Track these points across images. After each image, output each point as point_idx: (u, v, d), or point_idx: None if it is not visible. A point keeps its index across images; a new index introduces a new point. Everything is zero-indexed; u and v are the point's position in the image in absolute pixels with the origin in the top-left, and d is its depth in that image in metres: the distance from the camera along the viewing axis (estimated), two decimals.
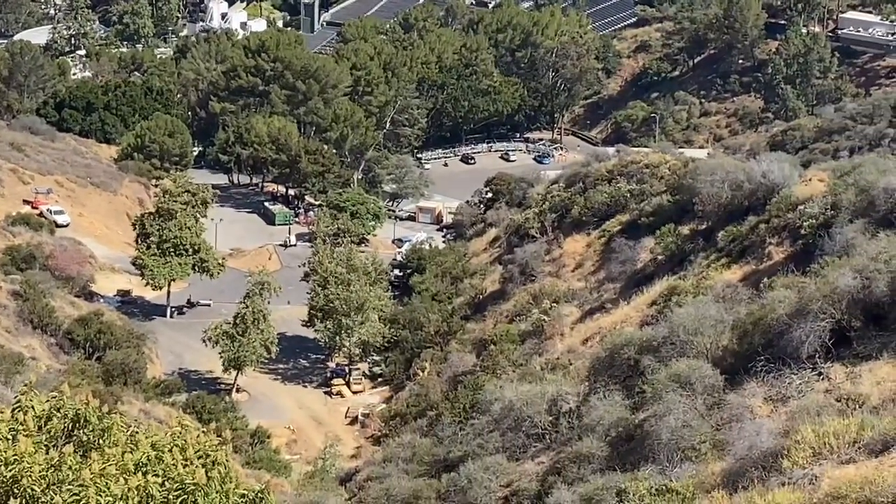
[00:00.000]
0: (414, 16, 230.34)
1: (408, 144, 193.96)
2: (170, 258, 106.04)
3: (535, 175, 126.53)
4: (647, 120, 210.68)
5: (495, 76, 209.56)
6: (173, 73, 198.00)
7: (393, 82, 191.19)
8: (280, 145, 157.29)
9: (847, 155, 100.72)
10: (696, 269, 66.81)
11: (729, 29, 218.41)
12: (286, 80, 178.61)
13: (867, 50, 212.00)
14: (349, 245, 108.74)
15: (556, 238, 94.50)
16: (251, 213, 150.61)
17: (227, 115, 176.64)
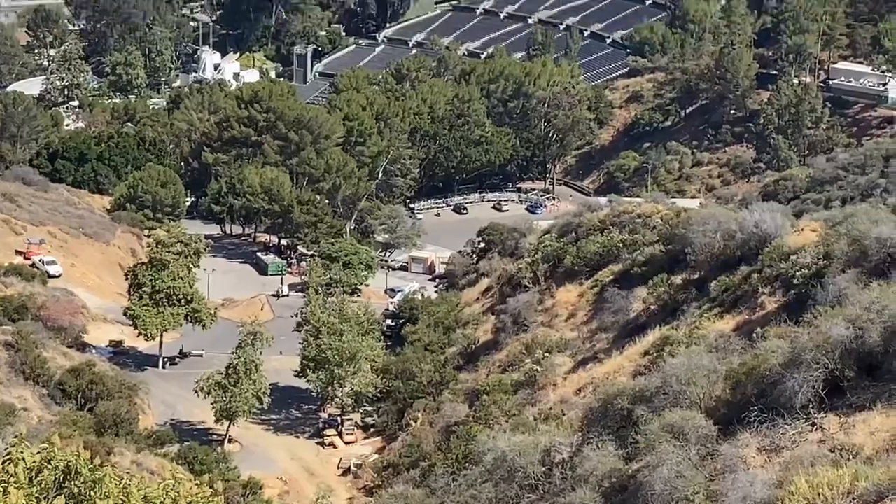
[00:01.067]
0: (406, 66, 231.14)
1: (400, 194, 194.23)
2: (162, 308, 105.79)
3: (527, 225, 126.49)
4: (640, 170, 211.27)
5: (487, 126, 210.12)
6: (166, 124, 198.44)
7: (385, 132, 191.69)
8: (272, 195, 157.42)
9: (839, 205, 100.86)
10: (688, 318, 66.71)
11: (720, 79, 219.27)
12: (279, 131, 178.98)
13: (858, 100, 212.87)
14: (341, 295, 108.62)
15: (548, 288, 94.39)
16: (244, 263, 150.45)
17: (220, 166, 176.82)
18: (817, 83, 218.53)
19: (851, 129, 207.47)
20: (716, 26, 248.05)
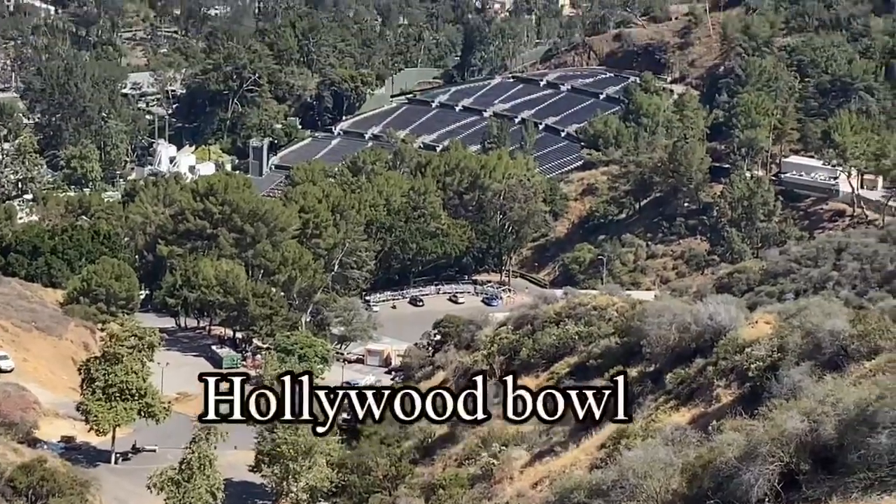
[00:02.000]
0: (362, 159, 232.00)
1: (356, 287, 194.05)
2: (115, 403, 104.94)
3: (483, 317, 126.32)
4: (595, 262, 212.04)
5: (443, 219, 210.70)
6: (121, 217, 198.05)
7: (341, 225, 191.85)
8: (228, 288, 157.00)
9: (792, 297, 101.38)
10: (644, 411, 66.68)
11: (674, 172, 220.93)
12: (234, 224, 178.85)
13: (810, 194, 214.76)
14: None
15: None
16: (198, 356, 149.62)
17: (175, 259, 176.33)
18: (769, 177, 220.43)
19: (803, 222, 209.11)
20: (669, 120, 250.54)
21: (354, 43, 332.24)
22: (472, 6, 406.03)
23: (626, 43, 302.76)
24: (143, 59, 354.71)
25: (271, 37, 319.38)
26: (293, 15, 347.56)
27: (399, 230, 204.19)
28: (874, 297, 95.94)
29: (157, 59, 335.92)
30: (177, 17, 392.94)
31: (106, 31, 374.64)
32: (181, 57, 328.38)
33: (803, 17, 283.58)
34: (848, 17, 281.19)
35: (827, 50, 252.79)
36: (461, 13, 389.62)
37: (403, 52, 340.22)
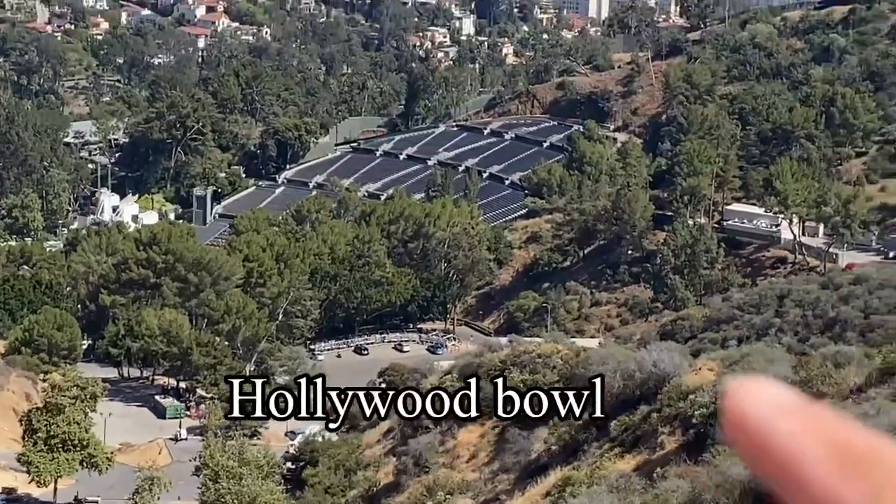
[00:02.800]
0: (307, 208, 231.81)
1: (301, 336, 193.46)
2: (57, 454, 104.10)
3: (428, 365, 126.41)
4: (539, 310, 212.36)
5: (388, 267, 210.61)
6: (63, 267, 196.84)
7: (286, 274, 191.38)
8: (171, 338, 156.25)
9: (735, 344, 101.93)
10: (589, 458, 66.80)
11: (618, 220, 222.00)
12: (178, 273, 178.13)
13: (752, 241, 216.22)
14: (241, 438, 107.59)
15: (449, 429, 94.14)
16: (141, 406, 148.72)
17: (118, 308, 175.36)
18: (712, 224, 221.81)
19: (746, 269, 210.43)
20: (612, 168, 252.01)
21: (298, 92, 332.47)
22: (415, 55, 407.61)
23: (569, 91, 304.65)
24: (85, 107, 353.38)
25: (215, 85, 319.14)
26: (237, 64, 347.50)
27: (344, 279, 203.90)
28: (816, 344, 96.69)
29: (99, 107, 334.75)
30: (119, 65, 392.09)
31: (48, 80, 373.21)
32: (124, 106, 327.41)
33: (744, 65, 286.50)
34: (788, 65, 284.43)
35: (768, 98, 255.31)
36: (405, 62, 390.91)
37: (347, 100, 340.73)
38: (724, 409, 1.54)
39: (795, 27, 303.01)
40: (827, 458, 1.43)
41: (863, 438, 1.46)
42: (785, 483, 1.45)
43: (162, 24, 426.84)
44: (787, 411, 1.51)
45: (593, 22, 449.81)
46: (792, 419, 1.49)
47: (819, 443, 1.44)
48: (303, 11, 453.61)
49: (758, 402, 1.52)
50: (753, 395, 1.54)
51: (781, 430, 1.47)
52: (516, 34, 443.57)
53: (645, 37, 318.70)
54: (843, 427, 1.47)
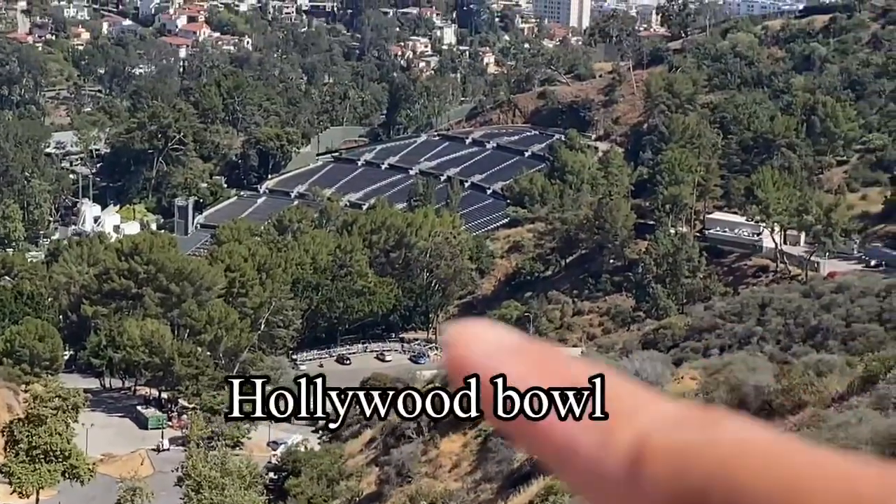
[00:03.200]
0: (288, 217, 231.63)
1: (283, 346, 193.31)
2: (39, 465, 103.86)
3: (410, 375, 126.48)
4: (521, 319, 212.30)
5: (370, 277, 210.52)
6: (44, 277, 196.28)
7: (267, 284, 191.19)
8: (153, 348, 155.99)
9: (718, 353, 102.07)
10: None
11: (599, 229, 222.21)
12: (159, 283, 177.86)
13: (734, 249, 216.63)
14: (223, 448, 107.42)
15: (432, 438, 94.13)
16: (123, 417, 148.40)
17: (100, 319, 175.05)
18: (693, 233, 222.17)
19: (728, 277, 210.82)
20: (594, 177, 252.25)
21: (280, 101, 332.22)
22: (397, 65, 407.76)
23: (550, 101, 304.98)
24: (66, 118, 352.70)
25: (196, 95, 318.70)
26: (218, 74, 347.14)
27: (326, 288, 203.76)
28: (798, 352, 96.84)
29: (80, 118, 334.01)
30: (101, 76, 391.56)
31: (29, 90, 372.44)
32: (105, 116, 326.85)
33: (725, 74, 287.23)
34: (769, 74, 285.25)
35: (749, 107, 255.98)
36: (386, 72, 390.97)
37: (329, 110, 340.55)
38: (446, 355, 1.49)
39: (776, 36, 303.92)
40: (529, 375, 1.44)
41: (588, 372, 1.49)
42: (518, 426, 1.48)
43: (143, 35, 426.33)
44: (511, 352, 1.51)
45: (574, 31, 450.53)
46: (516, 360, 1.49)
47: (545, 381, 1.48)
48: (284, 21, 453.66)
49: (479, 345, 1.51)
50: (472, 339, 1.53)
51: (507, 370, 1.47)
52: (497, 43, 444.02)
53: (626, 46, 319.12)
54: (570, 364, 1.49)
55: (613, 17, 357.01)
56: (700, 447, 1.33)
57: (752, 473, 1.26)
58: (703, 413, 1.38)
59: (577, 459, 1.41)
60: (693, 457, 1.33)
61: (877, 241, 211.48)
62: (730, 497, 1.27)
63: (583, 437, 1.42)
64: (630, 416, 1.41)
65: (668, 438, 1.37)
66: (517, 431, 1.47)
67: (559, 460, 1.45)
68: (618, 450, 1.39)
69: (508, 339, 1.49)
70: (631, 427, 1.40)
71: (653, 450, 1.38)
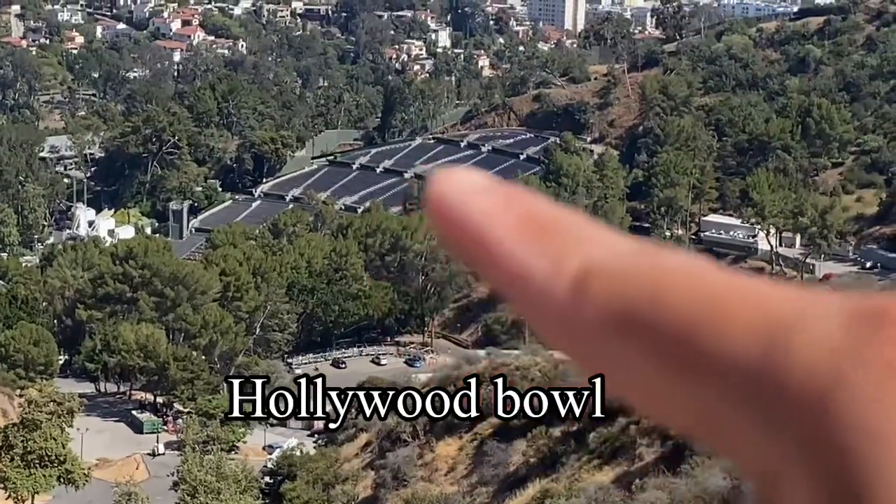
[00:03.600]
0: (283, 221, 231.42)
1: (278, 349, 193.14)
2: (34, 470, 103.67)
3: (406, 379, 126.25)
4: (517, 322, 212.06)
5: (365, 280, 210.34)
6: (39, 282, 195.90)
7: (263, 287, 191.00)
8: (148, 353, 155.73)
9: None
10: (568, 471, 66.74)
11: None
12: (154, 287, 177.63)
13: (729, 252, 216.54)
14: (219, 453, 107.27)
15: (428, 442, 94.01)
16: (118, 421, 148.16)
17: (94, 323, 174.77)
18: (689, 235, 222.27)
19: None
20: (589, 180, 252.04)
21: (274, 105, 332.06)
22: (391, 68, 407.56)
23: (545, 104, 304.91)
24: (60, 122, 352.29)
25: (191, 99, 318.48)
26: (212, 77, 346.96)
27: (321, 292, 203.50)
28: None
29: (75, 122, 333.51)
30: (95, 80, 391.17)
31: (23, 95, 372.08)
32: (99, 120, 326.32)
33: (720, 77, 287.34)
34: (764, 76, 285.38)
35: (744, 109, 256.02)
36: (381, 75, 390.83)
37: (324, 113, 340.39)
38: (426, 197, 1.62)
39: (771, 38, 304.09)
40: (515, 230, 1.50)
41: (549, 211, 1.55)
42: (480, 259, 1.52)
43: (137, 39, 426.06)
44: (482, 191, 1.57)
45: (569, 34, 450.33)
46: (485, 198, 1.55)
47: (509, 217, 1.51)
48: (278, 25, 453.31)
49: (455, 186, 1.60)
50: (451, 180, 1.62)
51: (475, 208, 1.53)
52: (492, 46, 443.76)
53: (621, 48, 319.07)
54: (534, 202, 1.55)
55: (608, 19, 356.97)
56: (636, 271, 1.45)
57: (678, 291, 1.38)
58: (646, 245, 1.50)
59: (527, 285, 1.50)
60: (629, 278, 1.44)
61: (872, 242, 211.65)
62: (656, 311, 1.39)
63: (533, 263, 1.49)
64: (579, 246, 1.52)
65: (610, 264, 1.49)
66: (470, 256, 1.55)
67: (510, 286, 1.52)
68: (564, 274, 1.49)
69: (484, 181, 1.61)
70: (579, 255, 1.51)
71: (595, 273, 1.48)
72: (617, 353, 1.44)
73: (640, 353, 1.41)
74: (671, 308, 1.39)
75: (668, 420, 1.43)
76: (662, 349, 1.39)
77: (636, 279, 1.46)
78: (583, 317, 1.48)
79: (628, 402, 1.48)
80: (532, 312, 1.54)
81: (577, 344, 1.50)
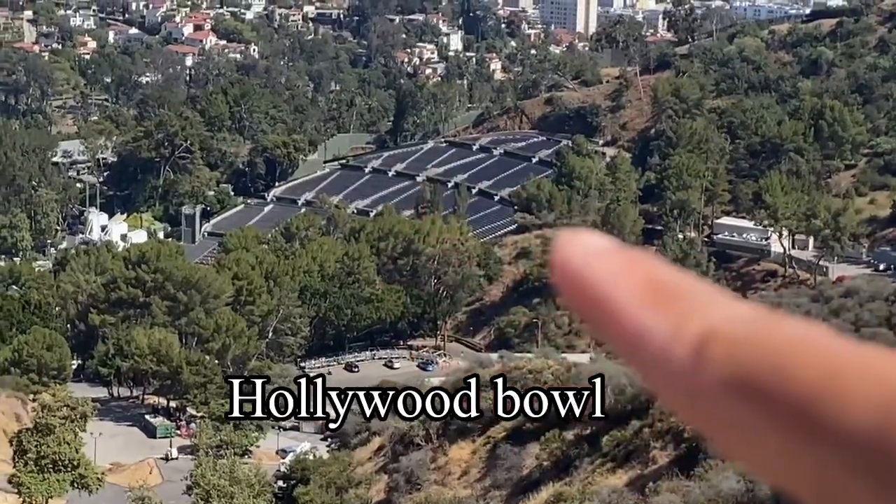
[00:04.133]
0: (296, 225, 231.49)
1: (290, 353, 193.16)
2: (48, 475, 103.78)
3: (418, 382, 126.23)
4: (530, 325, 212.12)
5: (377, 284, 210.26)
6: (52, 287, 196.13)
7: (275, 291, 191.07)
8: (161, 357, 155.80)
9: None
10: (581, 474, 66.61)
11: (607, 235, 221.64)
12: (167, 291, 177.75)
13: (742, 254, 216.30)
14: (232, 457, 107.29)
15: (441, 445, 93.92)
16: (132, 426, 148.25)
17: (107, 328, 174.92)
18: (702, 238, 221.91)
19: (736, 282, 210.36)
20: (601, 183, 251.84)
21: (286, 109, 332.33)
22: (403, 71, 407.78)
23: (557, 106, 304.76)
24: (73, 126, 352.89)
25: (203, 103, 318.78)
26: (224, 82, 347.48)
27: (333, 296, 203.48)
28: None
29: (87, 126, 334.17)
30: (107, 84, 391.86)
31: (35, 100, 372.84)
32: (112, 124, 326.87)
33: (732, 79, 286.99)
34: (777, 78, 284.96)
35: (756, 111, 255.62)
36: (393, 78, 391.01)
37: (336, 117, 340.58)
38: (552, 258, 1.66)
39: (783, 40, 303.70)
40: (636, 294, 1.53)
41: (671, 275, 1.56)
42: (602, 321, 1.55)
43: (149, 43, 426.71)
44: (604, 255, 1.64)
45: (581, 37, 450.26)
46: (608, 261, 1.61)
47: (631, 281, 1.55)
48: (290, 29, 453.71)
49: (578, 249, 1.68)
50: (575, 243, 1.71)
51: (598, 271, 1.58)
52: (504, 49, 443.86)
53: (633, 51, 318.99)
54: (655, 266, 1.58)
55: (620, 22, 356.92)
56: (759, 338, 1.47)
57: (799, 359, 1.41)
58: (767, 312, 1.52)
59: (648, 348, 1.55)
60: (751, 345, 1.47)
61: (885, 245, 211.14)
62: (777, 378, 1.42)
63: (654, 327, 1.53)
64: (699, 311, 1.55)
65: (731, 329, 1.51)
66: (592, 318, 1.60)
67: (631, 349, 1.58)
68: (685, 339, 1.52)
69: (607, 244, 1.69)
70: (699, 320, 1.54)
71: (716, 338, 1.51)
72: (736, 419, 1.48)
73: (759, 420, 1.45)
74: (792, 376, 1.42)
75: (785, 485, 1.49)
76: (782, 417, 1.42)
77: (757, 346, 1.49)
78: (703, 381, 1.53)
79: (746, 466, 1.56)
80: (652, 375, 1.59)
81: (697, 408, 1.54)
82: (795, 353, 1.41)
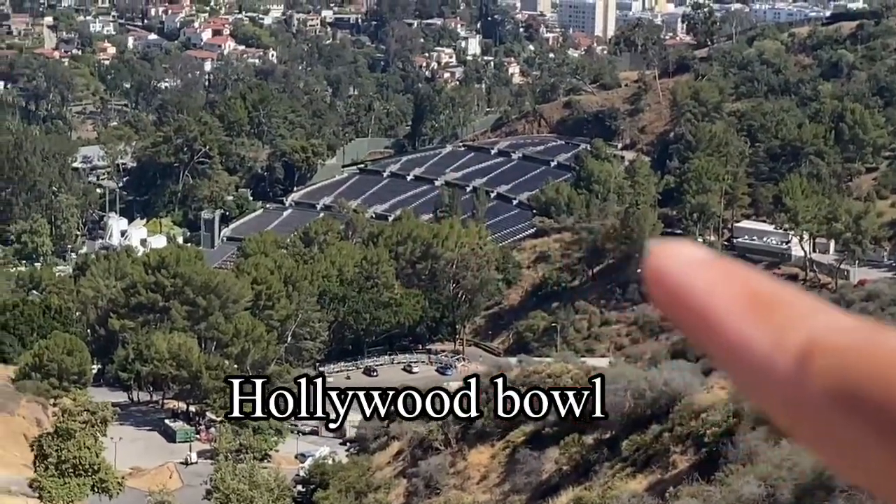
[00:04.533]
0: (314, 230, 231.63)
1: (310, 358, 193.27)
2: (68, 479, 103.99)
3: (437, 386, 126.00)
4: (549, 329, 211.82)
5: (396, 288, 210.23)
6: (72, 292, 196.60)
7: (294, 296, 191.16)
8: (180, 361, 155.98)
9: None
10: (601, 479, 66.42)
11: (626, 239, 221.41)
12: (186, 296, 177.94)
13: (763, 258, 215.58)
14: (251, 461, 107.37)
15: (460, 450, 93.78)
16: (151, 430, 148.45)
17: (127, 332, 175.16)
18: (722, 241, 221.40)
19: None
20: (620, 186, 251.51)
21: (305, 114, 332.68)
22: (421, 76, 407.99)
23: (576, 110, 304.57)
24: (93, 132, 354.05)
25: (221, 108, 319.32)
26: (243, 87, 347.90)
27: (352, 300, 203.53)
28: None
29: (107, 132, 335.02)
30: (127, 90, 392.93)
31: (56, 105, 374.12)
32: (131, 130, 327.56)
33: (752, 82, 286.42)
34: (797, 81, 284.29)
35: (776, 115, 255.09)
36: (411, 83, 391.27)
37: (354, 122, 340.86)
38: (646, 268, 1.65)
39: (803, 43, 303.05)
40: (736, 304, 1.52)
41: (769, 286, 1.56)
42: (701, 332, 1.54)
43: (168, 49, 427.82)
44: (700, 265, 1.61)
45: (599, 40, 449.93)
46: (705, 272, 1.58)
47: (730, 291, 1.53)
48: (308, 33, 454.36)
49: (674, 259, 1.64)
50: (670, 254, 1.67)
51: (695, 281, 1.56)
52: (522, 53, 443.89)
53: (652, 54, 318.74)
54: (753, 277, 1.57)
55: (638, 25, 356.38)
56: (864, 349, 1.47)
57: None
58: (869, 323, 1.51)
59: (750, 358, 1.53)
60: (856, 357, 1.46)
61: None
62: (883, 389, 1.42)
63: (755, 337, 1.52)
64: (801, 320, 1.54)
65: (834, 339, 1.50)
66: (691, 329, 1.57)
67: (732, 359, 1.56)
68: (788, 349, 1.51)
69: (704, 255, 1.65)
70: (802, 330, 1.53)
71: (820, 348, 1.50)
72: (840, 430, 1.47)
73: (864, 431, 1.45)
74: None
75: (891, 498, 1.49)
76: (888, 428, 1.43)
77: (862, 356, 1.49)
78: (806, 392, 1.52)
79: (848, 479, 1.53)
80: (754, 386, 1.58)
81: (800, 419, 1.53)
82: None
